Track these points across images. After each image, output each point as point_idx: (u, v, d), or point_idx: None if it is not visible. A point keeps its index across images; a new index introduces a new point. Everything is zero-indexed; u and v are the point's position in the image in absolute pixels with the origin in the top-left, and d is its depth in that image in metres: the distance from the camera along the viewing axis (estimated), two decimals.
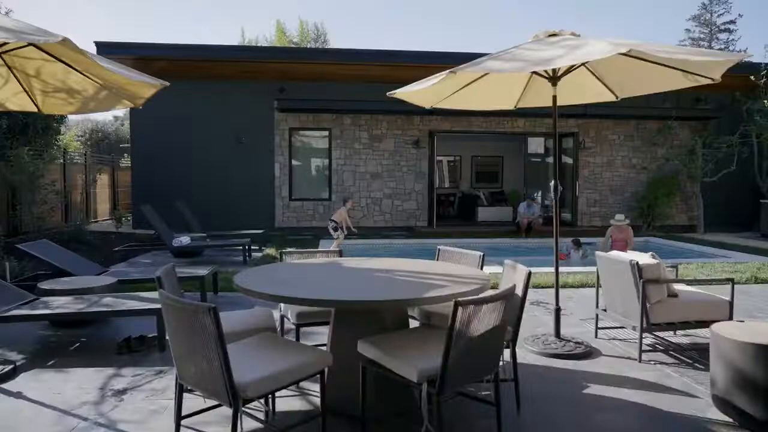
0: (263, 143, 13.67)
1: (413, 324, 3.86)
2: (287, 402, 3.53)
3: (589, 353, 4.49)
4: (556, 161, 5.01)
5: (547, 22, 67.11)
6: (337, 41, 42.02)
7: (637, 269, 4.29)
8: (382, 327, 3.37)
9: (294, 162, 13.93)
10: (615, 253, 4.78)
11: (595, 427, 3.25)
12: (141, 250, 9.73)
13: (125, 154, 24.48)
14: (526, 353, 4.48)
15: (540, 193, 15.89)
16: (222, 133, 13.55)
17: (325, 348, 3.83)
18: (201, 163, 13.55)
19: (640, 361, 4.33)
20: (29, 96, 4.69)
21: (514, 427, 3.23)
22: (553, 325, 4.83)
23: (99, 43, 12.01)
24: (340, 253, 4.67)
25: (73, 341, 4.85)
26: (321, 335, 4.82)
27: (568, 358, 4.39)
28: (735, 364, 3.20)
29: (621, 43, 3.65)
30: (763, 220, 13.79)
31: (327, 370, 3.18)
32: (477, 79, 5.08)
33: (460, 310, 2.57)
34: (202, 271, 6.27)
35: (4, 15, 4.42)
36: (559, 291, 4.92)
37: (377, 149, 14.01)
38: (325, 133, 13.93)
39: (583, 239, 10.56)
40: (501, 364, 3.04)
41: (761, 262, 9.04)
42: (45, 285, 5.38)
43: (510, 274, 3.72)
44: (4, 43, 3.88)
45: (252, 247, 10.02)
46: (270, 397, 3.32)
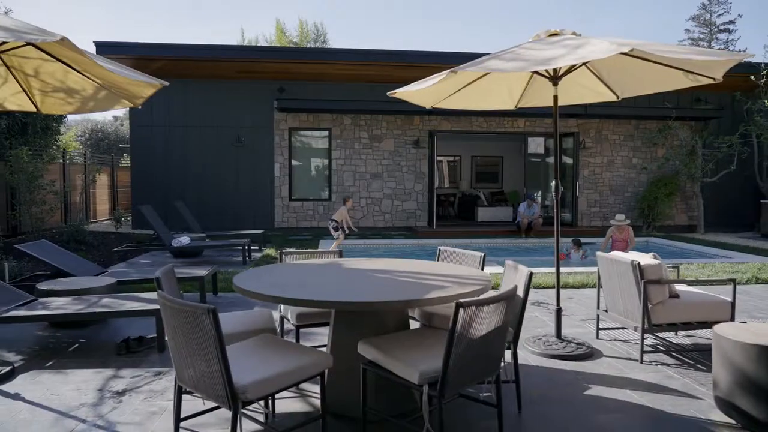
0: (263, 143, 13.66)
1: (414, 325, 3.85)
2: (287, 403, 3.51)
3: (590, 354, 4.47)
4: (557, 161, 4.98)
5: (546, 22, 67.13)
6: (337, 41, 42.09)
7: (639, 270, 4.27)
8: (382, 328, 3.35)
9: (294, 162, 13.91)
10: (616, 253, 4.76)
11: (597, 428, 3.23)
12: (140, 250, 9.71)
13: (125, 154, 24.50)
14: (527, 354, 4.47)
15: (540, 193, 15.87)
16: (221, 133, 13.55)
17: (325, 349, 3.82)
18: (200, 164, 13.55)
19: (641, 362, 4.31)
20: (28, 96, 4.67)
21: (515, 429, 3.21)
22: (554, 326, 4.82)
23: (98, 43, 11.98)
24: (340, 254, 4.65)
25: (71, 342, 4.83)
26: (321, 336, 4.81)
27: (569, 359, 4.37)
28: (737, 365, 3.18)
29: (623, 43, 3.63)
30: (764, 220, 13.78)
31: (327, 371, 3.17)
32: (477, 78, 5.06)
33: (462, 312, 2.55)
34: (202, 271, 6.24)
35: (2, 14, 4.40)
36: (560, 291, 4.90)
37: (377, 149, 13.99)
38: (325, 133, 13.92)
39: (583, 239, 10.55)
40: (502, 366, 3.02)
41: (762, 262, 9.02)
42: (44, 285, 5.36)
43: (511, 275, 3.70)
44: (3, 43, 3.86)
45: (251, 247, 10.02)
46: (270, 398, 3.30)
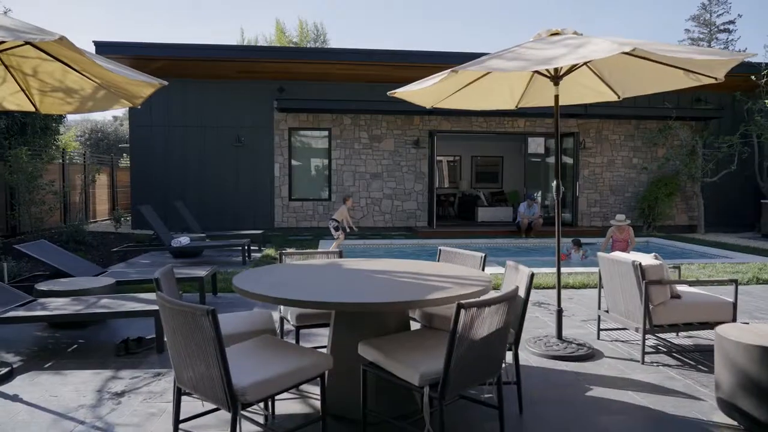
0: (263, 143, 13.64)
1: (414, 326, 3.83)
2: (287, 405, 3.49)
3: (591, 355, 4.45)
4: (558, 161, 4.96)
5: (546, 22, 67.13)
6: (337, 41, 42.09)
7: (640, 270, 4.25)
8: (383, 329, 3.33)
9: (294, 162, 13.89)
10: (617, 254, 4.74)
11: (598, 430, 3.21)
12: (140, 250, 9.69)
13: (124, 154, 24.47)
14: (528, 355, 4.45)
15: (540, 193, 15.85)
16: (221, 133, 13.53)
17: (325, 350, 3.80)
18: (200, 164, 13.53)
19: (642, 363, 4.29)
20: (27, 95, 4.65)
21: (516, 430, 3.19)
22: (554, 327, 4.80)
23: (98, 43, 11.96)
24: (340, 254, 4.63)
25: (70, 343, 4.81)
26: (321, 337, 4.79)
27: (570, 360, 4.35)
28: (740, 366, 3.16)
29: (624, 42, 3.61)
30: (764, 220, 13.77)
31: (327, 372, 3.15)
32: (478, 78, 5.04)
33: (463, 313, 2.53)
34: (201, 271, 6.22)
35: (1, 14, 4.38)
36: (561, 292, 4.88)
37: (377, 149, 13.97)
38: (325, 133, 13.90)
39: (583, 240, 10.53)
40: (503, 367, 3.00)
41: (762, 262, 9.01)
42: (43, 286, 5.34)
43: (512, 275, 3.68)
44: (1, 42, 3.84)
45: (251, 247, 10.00)
46: (269, 400, 3.28)
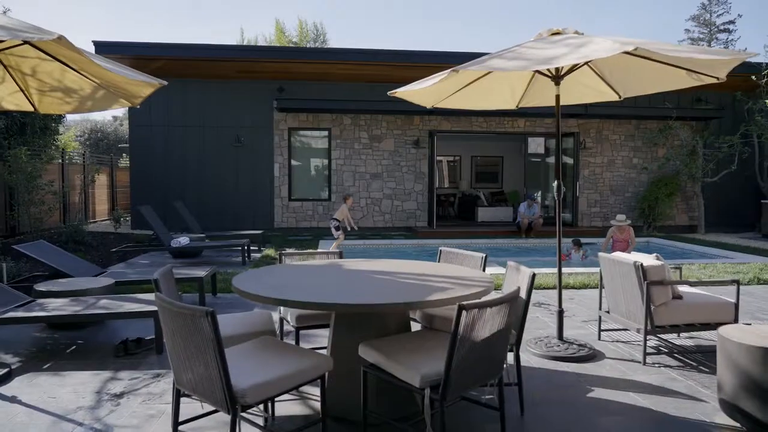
0: (262, 143, 13.62)
1: (414, 326, 3.81)
2: (287, 407, 3.47)
3: (592, 356, 4.43)
4: (558, 161, 4.94)
5: (546, 22, 67.13)
6: (337, 41, 42.07)
7: (642, 271, 4.23)
8: (383, 330, 3.31)
9: (293, 162, 13.87)
10: (618, 254, 4.72)
11: (600, 431, 3.19)
12: (139, 250, 9.66)
13: (124, 154, 24.44)
14: (528, 356, 4.43)
15: (540, 193, 15.83)
16: (221, 133, 13.50)
17: (325, 351, 3.78)
18: (200, 164, 13.51)
19: (644, 364, 4.27)
20: (25, 95, 4.63)
21: None
22: (555, 327, 4.78)
23: (97, 43, 11.93)
24: (341, 254, 4.61)
25: (69, 344, 4.79)
26: (321, 337, 4.77)
27: (571, 361, 4.33)
28: (743, 368, 3.14)
29: (626, 42, 3.59)
30: (764, 220, 13.75)
31: (327, 374, 3.13)
32: (479, 78, 5.02)
33: (464, 314, 2.51)
34: (201, 272, 6.20)
35: (0, 13, 4.36)
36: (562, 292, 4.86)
37: (377, 149, 13.95)
38: (325, 133, 13.88)
39: (583, 240, 10.52)
40: (504, 368, 2.98)
41: (763, 262, 8.99)
42: (41, 286, 5.32)
43: (513, 276, 3.66)
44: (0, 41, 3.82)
45: (251, 247, 9.97)
46: (269, 401, 3.26)
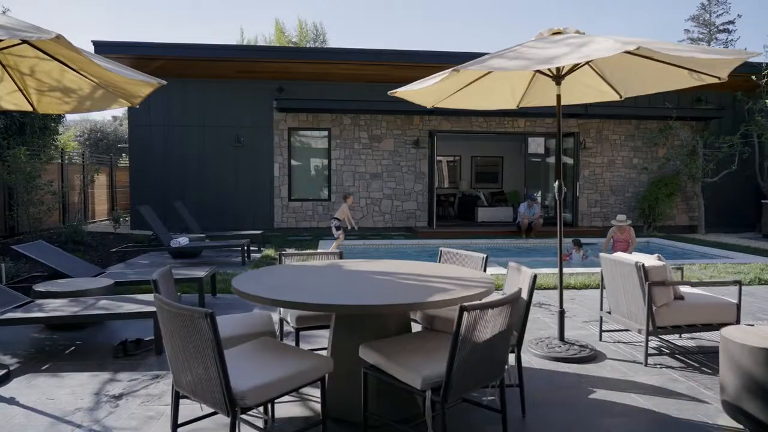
0: (262, 143, 13.60)
1: (415, 327, 3.79)
2: (287, 408, 3.45)
3: (593, 357, 4.41)
4: (559, 161, 4.92)
5: (546, 22, 67.12)
6: (337, 41, 42.06)
7: (643, 271, 4.21)
8: (383, 331, 3.29)
9: (293, 162, 13.85)
10: (620, 254, 4.70)
11: None
12: (139, 251, 9.63)
13: (123, 154, 24.40)
14: (530, 357, 4.41)
15: (540, 193, 15.81)
16: (221, 133, 13.48)
17: (325, 352, 3.76)
18: (199, 164, 13.48)
19: (645, 365, 4.25)
20: (24, 95, 4.61)
21: None
22: (556, 328, 4.75)
23: (97, 42, 11.91)
24: (341, 255, 4.59)
25: (68, 345, 4.77)
26: (321, 338, 4.74)
27: (572, 362, 4.31)
28: (745, 369, 3.12)
29: (628, 41, 3.57)
30: (765, 220, 13.74)
31: (328, 375, 3.10)
32: (479, 78, 5.00)
33: (466, 315, 2.49)
34: (200, 272, 6.18)
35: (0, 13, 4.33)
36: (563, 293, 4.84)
37: (377, 149, 13.93)
38: (325, 133, 13.86)
39: (583, 240, 10.50)
40: (506, 369, 2.96)
41: (764, 263, 8.97)
42: (40, 287, 5.30)
43: (515, 276, 3.64)
44: None
45: (251, 247, 9.95)
46: (269, 403, 3.24)
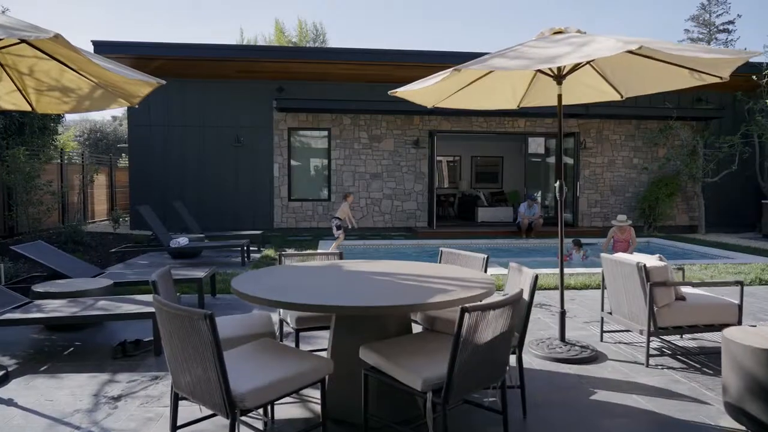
0: (262, 143, 13.58)
1: (416, 328, 3.77)
2: (286, 409, 3.43)
3: (595, 357, 4.40)
4: (560, 161, 4.91)
5: (547, 22, 67.10)
6: (337, 41, 42.04)
7: (645, 272, 4.19)
8: (384, 332, 3.27)
9: (293, 162, 13.83)
10: (621, 255, 4.69)
11: None
12: (138, 251, 9.61)
13: (123, 154, 24.37)
14: (531, 358, 4.39)
15: (540, 193, 15.80)
16: (220, 133, 13.46)
17: (325, 353, 3.74)
18: (199, 164, 13.46)
19: (647, 366, 4.24)
20: (23, 95, 4.59)
21: None
22: (557, 329, 4.74)
23: (96, 42, 11.89)
24: (341, 255, 4.57)
25: (67, 345, 4.75)
26: (321, 339, 4.73)
27: (573, 363, 4.30)
28: (748, 370, 3.10)
29: (630, 40, 3.55)
30: (765, 220, 13.72)
31: (328, 376, 3.09)
32: (480, 77, 4.98)
33: (467, 317, 2.47)
34: (200, 273, 6.16)
35: None
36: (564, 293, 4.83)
37: (377, 149, 13.91)
38: (325, 133, 13.84)
39: (583, 240, 10.48)
40: (507, 370, 2.94)
41: (764, 263, 8.95)
42: (39, 287, 5.28)
43: (516, 277, 3.62)
44: None
45: (250, 248, 9.93)
46: (269, 405, 3.22)
